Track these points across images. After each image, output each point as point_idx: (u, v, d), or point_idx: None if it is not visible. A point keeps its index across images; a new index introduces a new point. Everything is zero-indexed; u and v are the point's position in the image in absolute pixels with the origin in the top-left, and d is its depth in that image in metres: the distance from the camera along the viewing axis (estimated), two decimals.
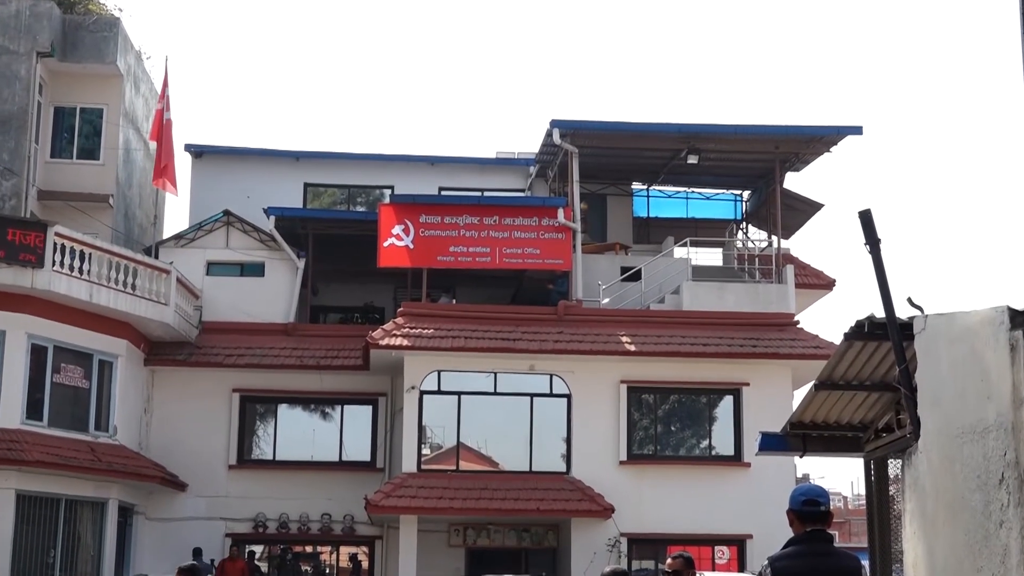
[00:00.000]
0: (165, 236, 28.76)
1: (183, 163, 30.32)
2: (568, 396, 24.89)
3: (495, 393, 24.87)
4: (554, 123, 26.32)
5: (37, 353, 23.30)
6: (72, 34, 27.80)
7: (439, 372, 24.71)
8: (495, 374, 24.85)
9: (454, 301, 27.19)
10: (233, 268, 27.46)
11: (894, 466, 9.44)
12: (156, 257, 26.32)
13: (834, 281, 29.38)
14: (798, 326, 25.97)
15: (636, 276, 26.55)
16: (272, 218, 26.95)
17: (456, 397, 24.76)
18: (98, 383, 24.40)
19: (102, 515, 23.88)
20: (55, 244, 22.75)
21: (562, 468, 24.72)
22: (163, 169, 27.16)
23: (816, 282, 29.08)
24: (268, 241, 27.35)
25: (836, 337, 26.43)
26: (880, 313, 8.30)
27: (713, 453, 25.28)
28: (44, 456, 22.37)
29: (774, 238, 27.81)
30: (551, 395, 24.94)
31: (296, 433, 26.69)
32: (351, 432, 26.70)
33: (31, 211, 26.57)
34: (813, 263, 29.79)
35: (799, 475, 36.74)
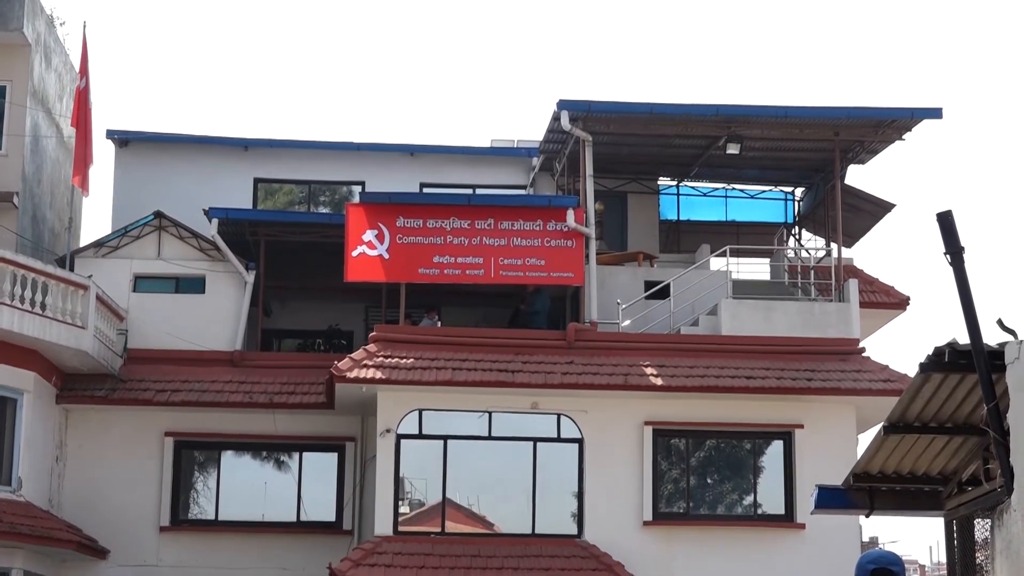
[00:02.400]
0: (82, 244, 28.77)
1: (105, 153, 30.40)
2: (580, 441, 24.89)
3: (490, 437, 24.87)
4: (562, 104, 26.36)
5: None
6: None
7: (420, 412, 24.70)
8: (490, 414, 24.85)
9: (439, 324, 27.18)
10: (166, 283, 27.47)
11: (982, 527, 9.45)
12: (71, 269, 26.31)
13: (908, 299, 29.42)
14: (863, 355, 25.98)
15: (664, 293, 26.57)
16: (215, 221, 26.97)
17: (441, 442, 24.75)
18: None
19: None
20: None
21: (572, 530, 24.71)
22: (84, 163, 27.08)
23: (886, 300, 29.11)
24: (210, 250, 27.37)
25: (910, 368, 26.41)
26: (964, 338, 8.32)
27: (759, 512, 25.26)
28: None
29: (834, 246, 27.85)
30: (559, 440, 24.94)
31: (244, 487, 26.65)
32: (312, 486, 26.66)
33: None
34: (882, 277, 29.87)
35: (866, 539, 36.65)
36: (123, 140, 30.79)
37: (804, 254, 29.61)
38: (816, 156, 28.46)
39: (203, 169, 30.67)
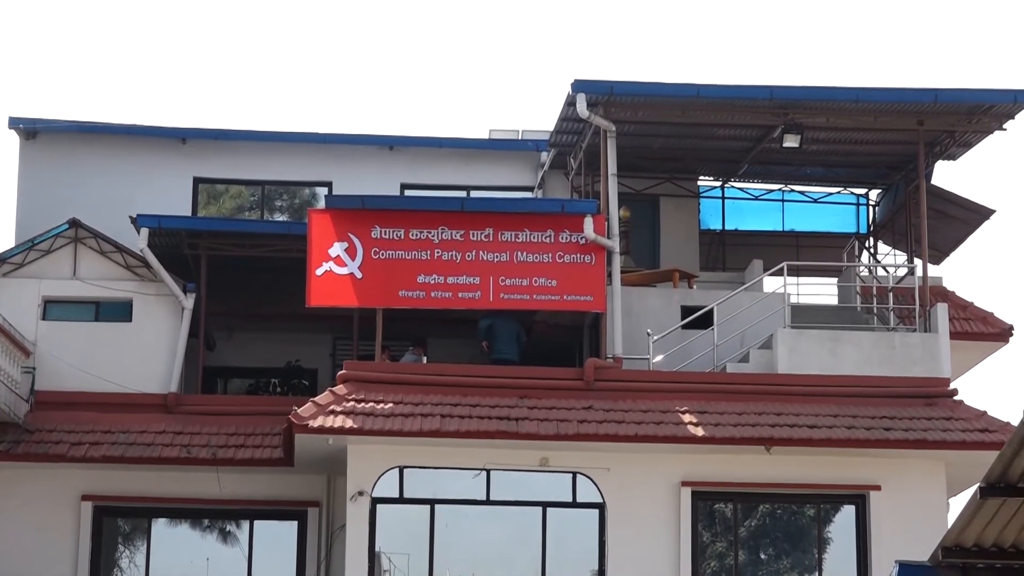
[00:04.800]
0: None
1: (7, 147, 30.37)
2: (601, 506, 24.86)
3: (488, 502, 24.82)
4: (578, 85, 26.40)
5: None
6: None
7: (401, 469, 24.67)
8: (488, 472, 24.81)
9: (425, 360, 27.15)
10: (84, 308, 27.44)
11: None
12: None
13: (1010, 328, 29.38)
14: (956, 398, 25.96)
15: (706, 321, 26.58)
16: (144, 231, 26.96)
17: (427, 508, 24.71)
18: None
19: None
20: None
21: None
22: None
23: (983, 330, 29.07)
24: (138, 267, 27.36)
25: (1014, 415, 26.40)
26: None
27: None
28: None
29: (918, 262, 27.86)
30: (575, 505, 24.90)
31: (181, 563, 26.58)
32: (267, 562, 26.60)
33: None
34: (978, 300, 29.81)
35: None
36: (30, 131, 30.78)
37: (881, 272, 29.61)
38: (895, 150, 28.47)
39: (130, 167, 30.67)
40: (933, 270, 28.90)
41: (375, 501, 24.48)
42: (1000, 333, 29.31)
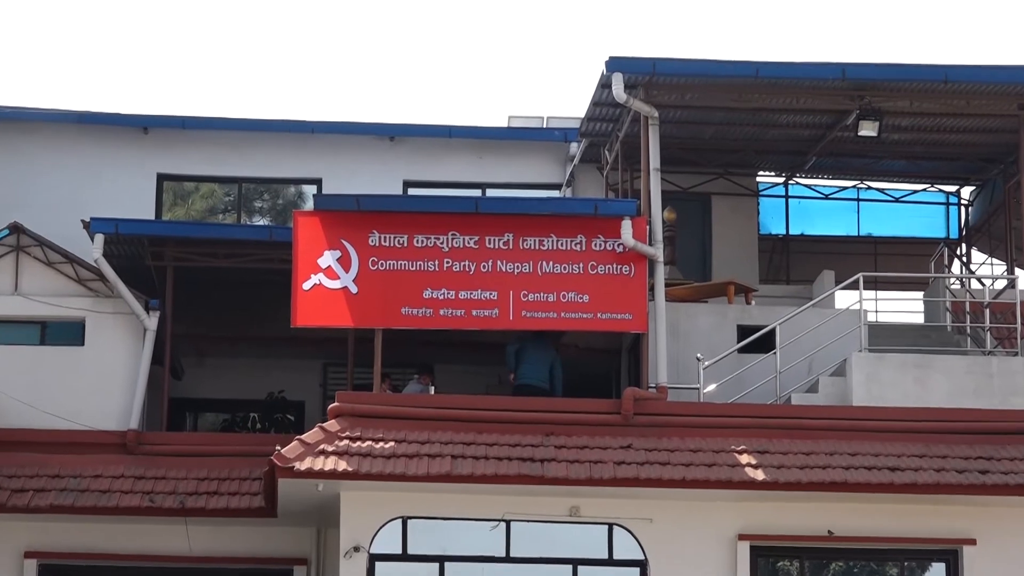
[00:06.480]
0: None
1: None
2: (642, 564, 24.76)
3: (507, 559, 24.74)
4: (614, 64, 26.35)
5: None
6: None
7: (404, 520, 24.61)
8: (508, 523, 24.73)
9: (432, 390, 27.10)
10: (27, 330, 27.47)
11: None
12: None
13: None
14: None
15: (766, 343, 26.50)
16: (99, 238, 26.95)
17: (436, 566, 24.64)
18: None
19: None
20: None
21: None
22: None
23: None
24: (92, 280, 27.35)
25: None
26: None
27: None
28: None
29: (1020, 272, 27.76)
30: (611, 562, 24.82)
31: None
32: None
33: None
34: None
35: None
36: None
37: (975, 285, 29.53)
38: (992, 139, 28.42)
39: (83, 161, 30.76)
40: None
41: (374, 558, 24.42)
42: None
